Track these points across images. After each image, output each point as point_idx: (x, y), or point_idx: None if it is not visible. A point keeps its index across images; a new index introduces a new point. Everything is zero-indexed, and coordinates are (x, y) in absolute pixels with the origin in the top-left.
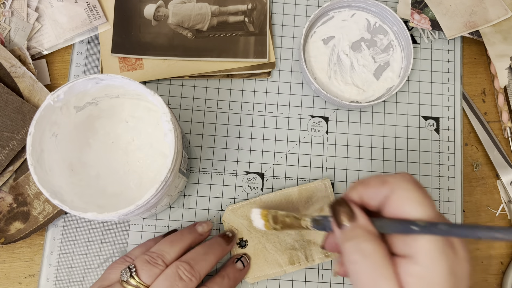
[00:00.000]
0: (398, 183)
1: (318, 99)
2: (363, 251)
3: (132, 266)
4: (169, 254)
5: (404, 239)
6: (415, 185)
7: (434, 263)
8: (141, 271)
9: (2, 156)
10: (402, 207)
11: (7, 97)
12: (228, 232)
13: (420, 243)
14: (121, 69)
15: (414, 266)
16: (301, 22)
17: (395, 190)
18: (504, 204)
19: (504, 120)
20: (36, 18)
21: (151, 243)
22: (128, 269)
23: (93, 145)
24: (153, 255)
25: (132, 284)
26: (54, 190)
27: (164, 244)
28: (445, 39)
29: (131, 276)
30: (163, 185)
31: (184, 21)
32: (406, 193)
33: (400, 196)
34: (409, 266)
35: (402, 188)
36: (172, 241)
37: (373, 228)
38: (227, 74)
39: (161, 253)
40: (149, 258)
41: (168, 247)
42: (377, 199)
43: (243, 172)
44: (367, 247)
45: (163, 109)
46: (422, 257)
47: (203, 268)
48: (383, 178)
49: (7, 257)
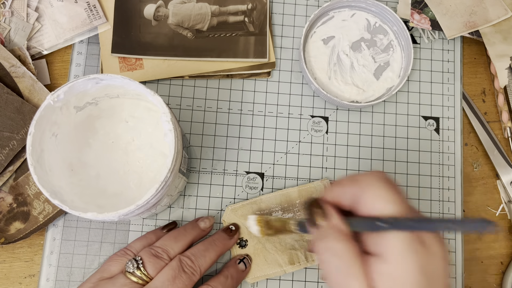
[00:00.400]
0: (368, 182)
1: (318, 99)
2: (333, 250)
3: (139, 259)
4: (174, 250)
5: (375, 237)
6: (385, 183)
7: (403, 261)
8: (147, 264)
9: (2, 156)
10: (372, 205)
11: (7, 97)
12: (231, 226)
13: (388, 241)
14: (121, 69)
15: (383, 265)
16: (301, 22)
17: (365, 189)
18: (504, 204)
19: (504, 120)
20: (36, 18)
21: (151, 236)
22: (135, 261)
23: (93, 145)
24: (159, 250)
25: (137, 275)
26: (54, 190)
27: (168, 239)
28: (445, 39)
29: (138, 268)
30: (163, 185)
31: (184, 21)
32: (375, 191)
33: (370, 195)
34: (378, 264)
35: (372, 187)
36: (176, 236)
37: (345, 228)
38: (227, 74)
39: (166, 248)
40: (155, 252)
41: (172, 242)
42: (350, 199)
43: (243, 172)
44: (337, 247)
45: (163, 109)
46: (390, 255)
47: (203, 263)
48: (354, 178)
49: (7, 257)
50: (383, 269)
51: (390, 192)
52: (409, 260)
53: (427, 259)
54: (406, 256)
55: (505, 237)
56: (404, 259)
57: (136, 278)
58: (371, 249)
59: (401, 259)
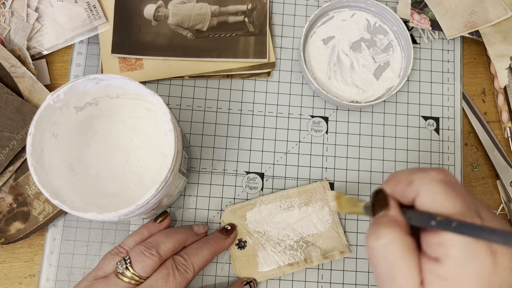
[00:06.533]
0: (423, 185)
1: (318, 99)
2: (385, 238)
3: (127, 258)
4: (164, 245)
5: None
6: (441, 187)
7: (462, 267)
8: (135, 263)
9: (2, 156)
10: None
11: (7, 97)
12: (227, 226)
13: (449, 243)
14: (121, 69)
15: (439, 267)
16: (301, 22)
17: (420, 192)
18: (504, 204)
19: (504, 120)
20: (36, 18)
21: (144, 231)
22: (123, 260)
23: (93, 145)
24: (148, 245)
25: (127, 275)
26: (54, 190)
27: (159, 235)
28: (445, 39)
29: (126, 268)
30: (163, 185)
31: (184, 21)
32: (430, 196)
33: (424, 200)
34: (434, 265)
35: (426, 192)
36: (167, 232)
37: (402, 219)
38: (227, 74)
39: (156, 243)
40: (144, 249)
41: (163, 238)
42: (406, 196)
43: (243, 172)
44: (390, 236)
45: (163, 109)
46: (449, 259)
47: (196, 260)
48: (410, 178)
49: (7, 257)
50: (439, 271)
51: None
52: (470, 268)
53: (492, 271)
54: (467, 263)
55: None
56: (464, 266)
57: (128, 278)
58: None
59: (461, 265)
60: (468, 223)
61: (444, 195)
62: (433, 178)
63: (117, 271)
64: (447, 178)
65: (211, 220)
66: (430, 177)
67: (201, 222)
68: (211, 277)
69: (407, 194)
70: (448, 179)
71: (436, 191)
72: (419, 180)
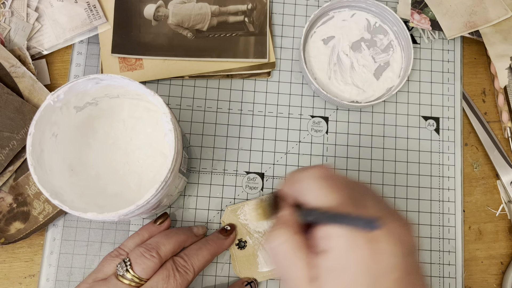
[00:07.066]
0: (307, 183)
1: (318, 99)
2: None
3: (127, 260)
4: (165, 246)
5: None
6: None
7: (342, 257)
8: (135, 265)
9: (2, 156)
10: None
11: (7, 97)
12: (226, 226)
13: (332, 236)
14: (121, 69)
15: (325, 260)
16: (301, 22)
17: (306, 190)
18: (504, 204)
19: (504, 120)
20: (36, 18)
21: (144, 233)
22: (124, 262)
23: (93, 145)
24: (148, 247)
25: (128, 278)
26: (54, 190)
27: (159, 236)
28: (445, 39)
29: (127, 270)
30: (163, 185)
31: (184, 21)
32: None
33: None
34: (322, 259)
35: (309, 189)
36: (167, 234)
37: (291, 218)
38: (227, 74)
39: (156, 245)
40: (144, 250)
41: (163, 239)
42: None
43: (243, 172)
44: (279, 236)
45: (163, 109)
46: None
47: (196, 261)
48: (298, 177)
49: (7, 257)
50: (326, 263)
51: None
52: (350, 257)
53: (371, 256)
54: (347, 252)
55: (505, 237)
56: (345, 256)
57: (128, 281)
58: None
59: (342, 255)
60: (340, 213)
61: (324, 189)
62: (313, 175)
63: (117, 273)
64: (326, 172)
65: (211, 220)
66: (310, 175)
67: (201, 222)
68: (211, 277)
69: (299, 193)
70: (327, 174)
71: (317, 187)
72: (304, 179)
